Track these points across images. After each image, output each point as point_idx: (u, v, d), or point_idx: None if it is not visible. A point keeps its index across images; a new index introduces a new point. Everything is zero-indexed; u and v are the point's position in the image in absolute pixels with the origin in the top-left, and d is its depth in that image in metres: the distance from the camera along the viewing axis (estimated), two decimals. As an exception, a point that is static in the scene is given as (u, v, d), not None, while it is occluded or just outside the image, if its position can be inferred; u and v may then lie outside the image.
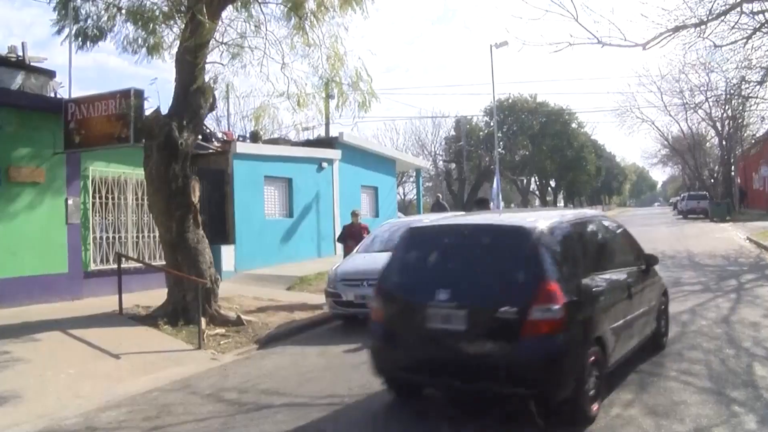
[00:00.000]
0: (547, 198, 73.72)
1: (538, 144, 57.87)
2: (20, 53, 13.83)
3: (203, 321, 10.14)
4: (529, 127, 57.76)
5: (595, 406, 5.59)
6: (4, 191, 11.84)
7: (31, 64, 13.87)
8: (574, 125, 61.64)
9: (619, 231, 7.64)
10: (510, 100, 58.02)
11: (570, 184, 68.02)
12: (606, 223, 7.52)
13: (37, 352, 8.85)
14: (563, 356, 5.31)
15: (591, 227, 6.94)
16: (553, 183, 72.42)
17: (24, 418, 6.73)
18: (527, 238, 5.70)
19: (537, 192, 75.71)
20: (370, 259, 11.71)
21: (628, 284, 6.72)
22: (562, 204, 77.58)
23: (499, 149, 45.46)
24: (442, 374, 5.70)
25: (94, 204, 13.62)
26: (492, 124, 45.33)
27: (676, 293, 12.05)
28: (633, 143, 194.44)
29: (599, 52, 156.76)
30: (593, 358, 5.59)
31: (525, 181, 69.09)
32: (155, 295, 11.99)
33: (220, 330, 10.55)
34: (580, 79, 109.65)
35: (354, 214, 14.72)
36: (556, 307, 5.26)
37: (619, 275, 6.69)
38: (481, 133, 56.70)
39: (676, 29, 15.09)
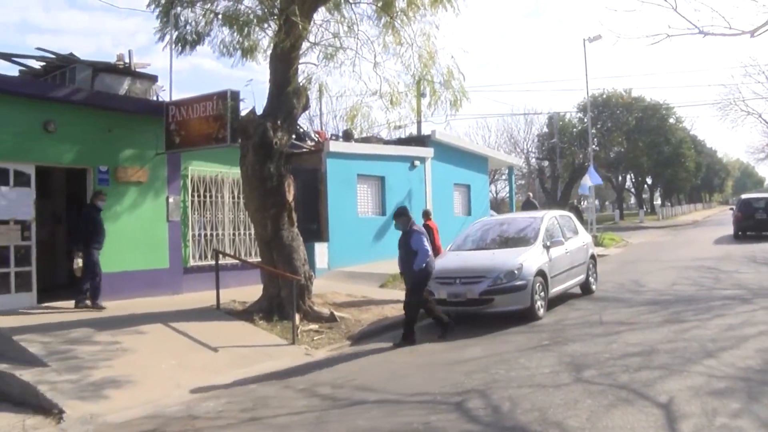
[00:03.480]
0: (643, 195, 71.21)
1: (633, 140, 55.84)
2: (127, 60, 14.50)
3: (297, 317, 10.33)
4: (624, 122, 55.80)
5: None
6: (112, 191, 12.44)
7: (137, 70, 14.51)
8: (671, 120, 59.16)
9: None
10: (604, 96, 56.27)
11: (668, 181, 65.43)
12: None
13: (143, 343, 9.27)
14: None
15: None
16: (649, 180, 69.92)
17: (134, 403, 7.15)
18: None
19: (632, 189, 73.28)
20: (463, 258, 11.66)
21: None
22: (659, 202, 74.85)
23: (593, 146, 44.24)
24: (759, 230, 25.75)
25: (192, 202, 14.11)
26: (585, 120, 44.04)
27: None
28: (737, 138, 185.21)
29: (700, 42, 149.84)
30: None
31: (620, 178, 67.02)
32: (251, 291, 12.32)
33: (314, 326, 10.72)
34: (678, 71, 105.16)
35: (425, 215, 14.63)
36: None
37: None
38: (574, 129, 55.22)
39: (789, 14, 14.15)
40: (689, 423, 5.44)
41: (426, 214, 14.70)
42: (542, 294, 11.02)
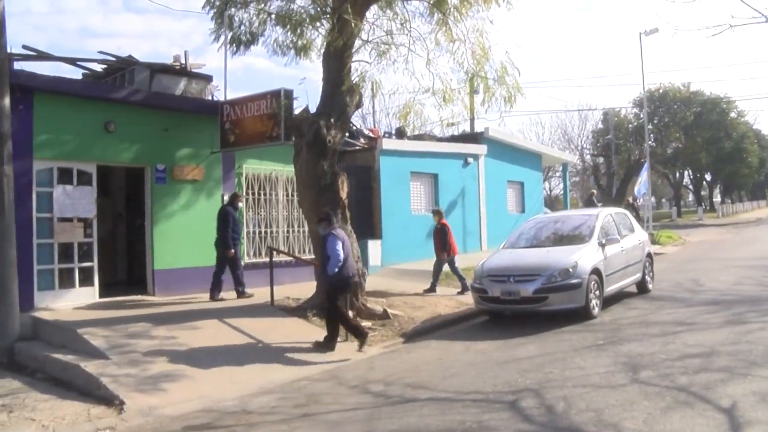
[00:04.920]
0: (702, 192, 69.28)
1: (692, 136, 54.40)
2: (183, 61, 14.80)
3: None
4: (681, 117, 54.36)
5: None
6: (169, 189, 12.74)
7: (192, 70, 14.79)
8: (732, 114, 57.29)
9: None
10: (661, 90, 54.91)
11: (728, 177, 63.45)
12: None
13: (198, 339, 9.45)
14: None
15: None
16: (708, 176, 67.99)
17: (189, 396, 7.34)
18: None
19: (691, 186, 71.39)
20: (517, 256, 11.56)
21: None
22: (718, 199, 72.69)
23: (650, 142, 43.29)
24: None
25: (247, 200, 14.30)
26: (642, 115, 43.12)
27: None
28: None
29: (765, 31, 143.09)
30: None
31: (677, 174, 65.37)
32: (304, 288, 12.44)
33: (367, 323, 10.71)
34: (741, 63, 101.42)
35: (436, 214, 14.54)
36: None
37: None
38: (630, 125, 54.10)
39: None
40: (756, 430, 5.21)
41: (437, 214, 14.52)
42: (597, 293, 10.83)
